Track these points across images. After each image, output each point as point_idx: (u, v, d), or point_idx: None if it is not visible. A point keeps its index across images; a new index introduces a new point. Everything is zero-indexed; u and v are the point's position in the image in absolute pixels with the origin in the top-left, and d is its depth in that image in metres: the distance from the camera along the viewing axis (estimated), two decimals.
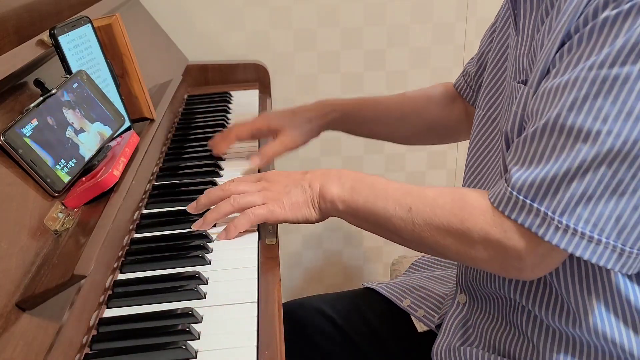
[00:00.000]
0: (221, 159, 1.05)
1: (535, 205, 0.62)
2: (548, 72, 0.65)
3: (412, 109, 1.07)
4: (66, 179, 0.71)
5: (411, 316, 0.92)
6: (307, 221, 0.78)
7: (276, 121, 1.02)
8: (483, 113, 0.86)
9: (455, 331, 0.83)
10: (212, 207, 0.82)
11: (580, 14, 0.62)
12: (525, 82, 0.70)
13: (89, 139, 0.77)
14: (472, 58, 1.01)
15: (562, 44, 0.63)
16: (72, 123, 0.75)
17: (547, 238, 0.62)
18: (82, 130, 0.76)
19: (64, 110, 0.74)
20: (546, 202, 0.62)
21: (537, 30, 0.71)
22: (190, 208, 0.83)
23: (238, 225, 0.78)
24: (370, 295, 0.98)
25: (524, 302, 0.74)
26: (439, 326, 0.88)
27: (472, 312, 0.83)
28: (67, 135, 0.73)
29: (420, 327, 0.91)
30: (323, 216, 0.78)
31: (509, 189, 0.64)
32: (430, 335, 0.89)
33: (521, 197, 0.63)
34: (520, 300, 0.74)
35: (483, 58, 0.96)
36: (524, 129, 0.67)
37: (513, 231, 0.64)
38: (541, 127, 0.62)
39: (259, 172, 0.97)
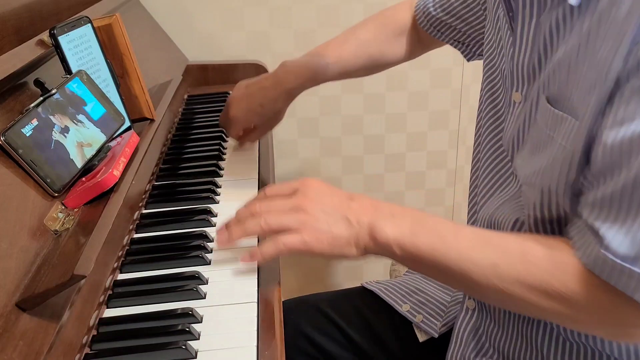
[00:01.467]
0: (221, 159, 1.05)
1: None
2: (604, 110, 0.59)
3: (370, 64, 1.08)
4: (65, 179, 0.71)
5: (412, 325, 0.90)
6: (343, 258, 0.69)
7: (248, 123, 1.05)
8: (487, 111, 0.83)
9: (468, 340, 0.81)
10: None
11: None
12: (549, 101, 0.66)
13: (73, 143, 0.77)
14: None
15: (618, 83, 0.57)
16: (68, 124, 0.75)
17: None
18: (71, 131, 0.76)
19: (63, 112, 0.74)
20: None
21: (547, 44, 0.67)
22: (221, 240, 0.71)
23: (265, 253, 0.68)
24: (368, 295, 0.97)
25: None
26: (443, 335, 0.87)
27: (482, 320, 0.81)
28: (55, 137, 0.73)
29: (421, 337, 0.89)
30: (364, 255, 0.69)
31: (610, 256, 0.57)
32: (437, 342, 0.88)
33: (627, 266, 0.56)
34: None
35: (451, 14, 0.97)
36: (595, 178, 0.60)
37: (624, 300, 0.58)
38: (632, 182, 0.56)
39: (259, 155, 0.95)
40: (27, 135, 0.67)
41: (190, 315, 0.65)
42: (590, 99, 0.59)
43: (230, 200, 0.91)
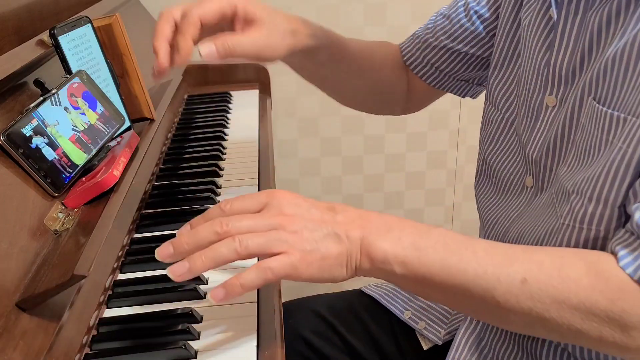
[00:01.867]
0: (221, 160, 1.05)
1: None
2: None
3: (370, 66, 0.93)
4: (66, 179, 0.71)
5: (416, 332, 0.89)
6: (331, 281, 0.58)
7: (257, 8, 0.73)
8: (499, 114, 0.80)
9: (470, 349, 0.79)
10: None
11: None
12: (599, 101, 0.61)
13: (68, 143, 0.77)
14: (423, 31, 0.91)
15: None
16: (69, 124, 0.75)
17: None
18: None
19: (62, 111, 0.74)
20: None
21: (593, 42, 0.63)
22: (163, 252, 0.56)
23: (246, 282, 0.54)
24: (367, 299, 0.95)
25: None
26: (446, 342, 0.85)
27: (486, 331, 0.79)
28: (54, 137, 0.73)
29: (426, 345, 0.88)
30: (357, 276, 0.59)
31: None
32: (437, 350, 0.87)
33: None
34: None
35: (448, 43, 0.88)
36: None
37: None
38: None
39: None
40: (27, 135, 0.67)
41: (190, 315, 0.65)
42: None
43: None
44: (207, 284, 0.71)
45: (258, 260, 0.56)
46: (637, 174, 0.57)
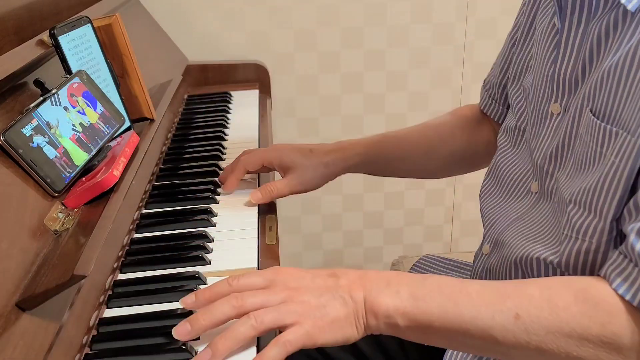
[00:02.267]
0: (221, 160, 1.05)
1: None
2: None
3: (439, 141, 0.97)
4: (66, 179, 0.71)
5: None
6: (346, 342, 0.61)
7: (289, 157, 0.91)
8: (514, 122, 0.81)
9: None
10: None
11: None
12: (594, 114, 0.62)
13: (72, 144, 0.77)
14: (492, 69, 0.94)
15: None
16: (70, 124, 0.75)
17: None
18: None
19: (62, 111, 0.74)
20: None
21: (593, 52, 0.64)
22: (181, 331, 0.59)
23: (270, 358, 0.57)
24: None
25: None
26: None
27: None
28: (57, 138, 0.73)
29: None
30: (367, 333, 0.61)
31: None
32: (437, 348, 0.87)
33: None
34: None
35: (506, 67, 0.89)
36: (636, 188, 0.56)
37: None
38: None
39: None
40: (27, 135, 0.67)
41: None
42: None
43: (231, 200, 0.91)
44: (207, 283, 0.71)
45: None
46: (628, 189, 0.58)
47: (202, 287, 0.70)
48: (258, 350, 0.60)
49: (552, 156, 0.70)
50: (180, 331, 0.59)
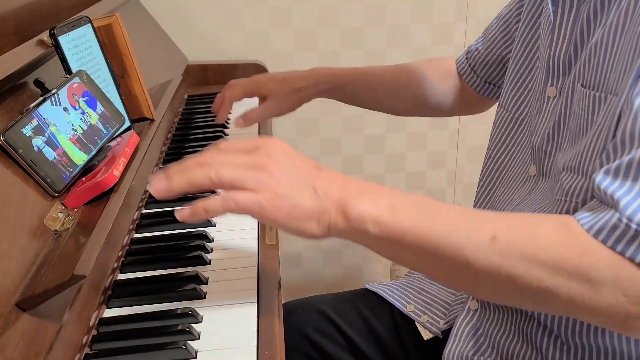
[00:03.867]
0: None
1: None
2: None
3: (406, 83, 1.06)
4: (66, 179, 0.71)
5: (416, 322, 0.91)
6: (302, 235, 0.59)
7: (266, 87, 1.05)
8: (509, 115, 0.83)
9: (466, 338, 0.81)
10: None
11: None
12: (585, 85, 0.64)
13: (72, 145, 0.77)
14: (477, 41, 1.01)
15: None
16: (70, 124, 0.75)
17: None
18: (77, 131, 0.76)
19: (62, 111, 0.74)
20: None
21: (583, 32, 0.67)
22: (158, 188, 0.59)
23: (210, 208, 0.58)
24: (370, 296, 0.97)
25: (541, 318, 0.72)
26: (445, 332, 0.87)
27: (484, 321, 0.81)
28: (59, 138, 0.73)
29: (426, 335, 0.89)
30: (329, 235, 0.59)
31: (625, 219, 0.52)
32: (436, 342, 0.88)
33: None
34: (535, 314, 0.72)
35: (494, 48, 0.95)
36: (617, 146, 0.56)
37: None
38: None
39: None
40: (27, 135, 0.67)
41: (190, 315, 0.65)
42: (630, 72, 0.57)
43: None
44: (207, 283, 0.71)
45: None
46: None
47: (202, 287, 0.70)
48: (258, 345, 0.61)
49: (549, 136, 0.72)
50: (156, 185, 0.59)
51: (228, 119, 1.24)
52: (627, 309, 0.53)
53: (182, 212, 0.59)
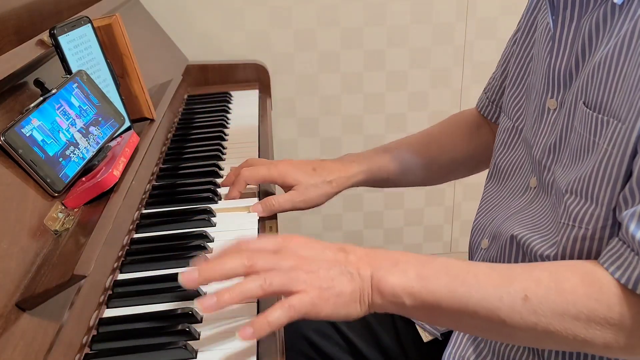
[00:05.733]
0: (221, 160, 1.05)
1: None
2: None
3: (440, 151, 0.98)
4: (65, 179, 0.71)
5: (416, 324, 0.90)
6: (350, 318, 0.60)
7: (292, 176, 0.91)
8: (511, 123, 0.82)
9: (467, 342, 0.80)
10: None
11: None
12: (587, 106, 0.64)
13: (85, 140, 0.77)
14: (494, 72, 0.96)
15: None
16: (70, 124, 0.75)
17: None
18: (80, 131, 0.76)
19: (62, 110, 0.74)
20: None
21: (585, 46, 0.66)
22: (188, 277, 0.59)
23: (273, 320, 0.57)
24: None
25: None
26: (444, 334, 0.86)
27: None
28: (65, 136, 0.73)
29: (426, 337, 0.88)
30: (371, 311, 0.61)
31: None
32: (436, 344, 0.87)
33: None
34: None
35: (507, 69, 0.90)
36: (631, 173, 0.58)
37: None
38: None
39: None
40: (27, 135, 0.67)
41: (190, 315, 0.65)
42: (636, 99, 0.57)
43: (231, 200, 0.90)
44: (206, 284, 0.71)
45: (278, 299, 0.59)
46: (624, 176, 0.59)
47: (202, 287, 0.70)
48: (258, 346, 0.60)
49: (550, 150, 0.71)
50: (187, 276, 0.58)
51: (228, 119, 1.24)
52: None
53: (244, 333, 0.57)
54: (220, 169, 1.01)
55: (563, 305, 0.56)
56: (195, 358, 0.60)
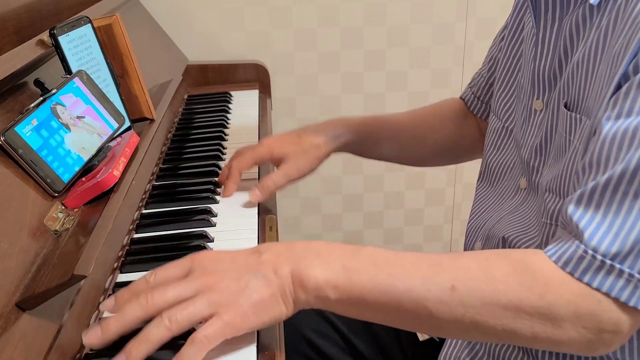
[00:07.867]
0: (221, 160, 1.05)
1: (625, 269, 0.52)
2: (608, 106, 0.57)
3: (429, 129, 0.98)
4: (65, 179, 0.71)
5: None
6: (277, 321, 0.58)
7: (279, 149, 0.90)
8: (501, 124, 0.83)
9: (462, 344, 0.81)
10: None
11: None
12: (566, 106, 0.64)
13: (86, 139, 0.77)
14: (481, 68, 0.97)
15: (625, 76, 0.55)
16: (70, 123, 0.75)
17: None
18: (80, 130, 0.76)
19: (62, 110, 0.74)
20: (638, 264, 0.52)
21: (567, 47, 0.67)
22: (92, 337, 0.55)
23: (188, 358, 0.53)
24: None
25: None
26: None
27: None
28: (64, 136, 0.73)
29: (422, 336, 0.89)
30: (298, 309, 0.58)
31: (590, 251, 0.53)
32: (433, 343, 0.88)
33: (607, 261, 0.53)
34: None
35: (494, 67, 0.91)
36: (585, 170, 0.57)
37: (608, 301, 0.53)
38: (618, 175, 0.52)
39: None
40: (27, 135, 0.67)
41: None
42: (603, 96, 0.57)
43: (231, 200, 0.90)
44: None
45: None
46: None
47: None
48: (258, 346, 0.60)
49: (537, 151, 0.72)
50: (91, 336, 0.54)
51: (228, 119, 1.24)
52: (588, 338, 0.55)
53: None
54: (220, 169, 1.01)
55: (493, 295, 0.54)
56: None
